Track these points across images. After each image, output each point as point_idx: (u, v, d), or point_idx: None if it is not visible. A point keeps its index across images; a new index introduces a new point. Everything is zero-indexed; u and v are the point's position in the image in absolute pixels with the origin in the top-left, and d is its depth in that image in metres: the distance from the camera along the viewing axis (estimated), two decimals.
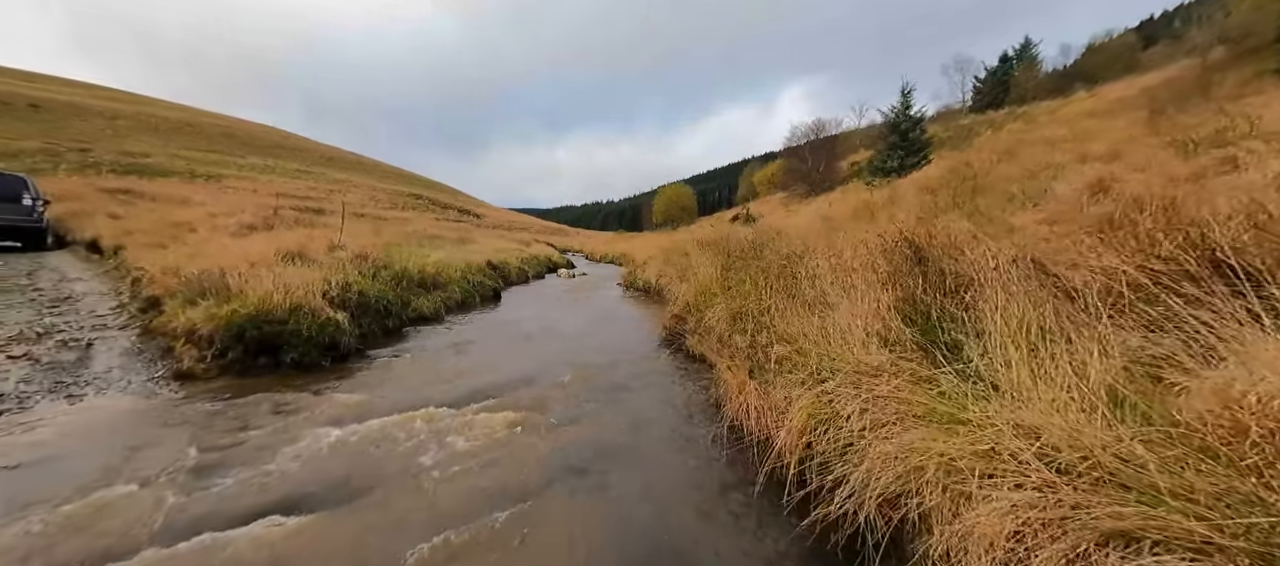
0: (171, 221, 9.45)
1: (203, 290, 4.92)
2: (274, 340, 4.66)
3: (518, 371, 4.89)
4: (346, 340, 5.17)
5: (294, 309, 4.91)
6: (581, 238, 44.81)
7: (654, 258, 13.07)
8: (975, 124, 29.60)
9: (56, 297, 6.25)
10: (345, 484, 2.70)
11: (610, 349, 5.93)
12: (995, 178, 8.25)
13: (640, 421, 3.63)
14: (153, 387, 4.10)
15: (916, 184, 12.56)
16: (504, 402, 3.95)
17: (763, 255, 5.95)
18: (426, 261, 9.47)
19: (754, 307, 4.32)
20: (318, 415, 3.62)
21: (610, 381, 4.61)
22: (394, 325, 6.59)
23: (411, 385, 4.42)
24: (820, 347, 2.89)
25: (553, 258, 20.12)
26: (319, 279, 5.60)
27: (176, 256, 6.23)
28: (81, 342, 4.89)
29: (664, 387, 4.44)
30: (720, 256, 6.55)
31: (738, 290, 4.85)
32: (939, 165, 17.33)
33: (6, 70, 52.82)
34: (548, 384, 4.52)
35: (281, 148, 53.87)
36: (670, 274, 9.84)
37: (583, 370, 4.94)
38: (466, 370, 4.90)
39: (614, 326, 7.47)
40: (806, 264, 4.08)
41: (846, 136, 39.46)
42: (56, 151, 30.29)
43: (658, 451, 3.13)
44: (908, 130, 24.36)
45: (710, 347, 4.70)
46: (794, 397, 2.77)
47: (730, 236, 8.50)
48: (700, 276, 5.97)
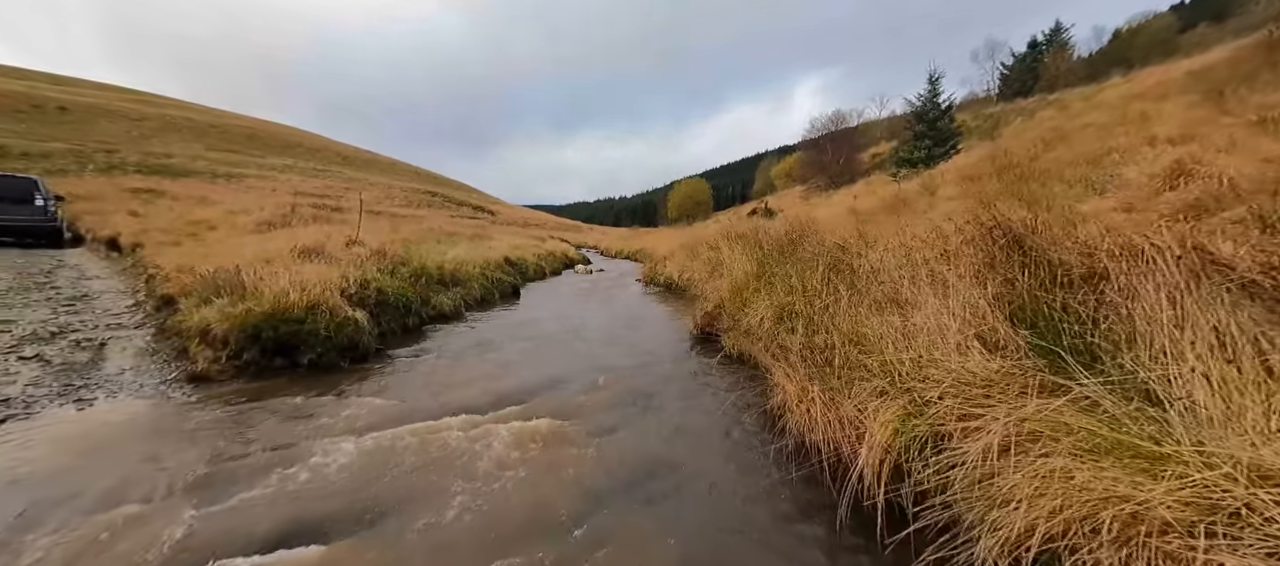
0: (191, 219, 9.37)
1: (217, 288, 4.70)
2: (291, 340, 4.42)
3: (546, 374, 4.59)
4: (366, 340, 4.92)
5: (311, 307, 4.67)
6: (595, 234, 44.56)
7: (675, 253, 12.71)
8: (1005, 112, 28.46)
9: (73, 296, 6.12)
10: (371, 505, 2.41)
11: (640, 349, 5.59)
12: (1046, 165, 7.71)
13: (687, 432, 3.29)
14: (165, 391, 3.88)
15: (952, 174, 11.98)
16: (535, 409, 3.64)
17: (801, 249, 5.56)
18: (445, 258, 9.24)
19: (803, 305, 3.95)
20: (338, 422, 3.35)
21: (645, 385, 4.27)
22: (414, 323, 6.34)
23: (435, 389, 4.14)
24: (901, 352, 2.51)
25: (569, 254, 19.88)
26: (336, 276, 5.36)
27: (192, 254, 6.06)
28: (95, 342, 4.71)
29: (705, 393, 4.09)
30: (754, 250, 6.16)
31: (782, 286, 4.47)
32: (971, 155, 16.63)
33: (37, 74, 54.30)
34: (580, 388, 4.20)
35: (299, 147, 54.55)
36: (695, 270, 9.48)
37: (614, 373, 4.61)
38: (492, 372, 4.61)
39: (640, 325, 7.13)
40: (867, 257, 3.69)
41: (867, 128, 38.46)
42: (84, 153, 30.95)
43: (714, 469, 2.79)
44: (935, 119, 23.47)
45: (754, 348, 4.34)
46: (871, 410, 2.41)
47: (760, 230, 8.10)
48: (735, 272, 5.60)
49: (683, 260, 11.07)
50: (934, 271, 2.80)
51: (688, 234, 16.03)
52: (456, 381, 4.34)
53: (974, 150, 19.10)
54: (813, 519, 2.27)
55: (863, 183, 28.38)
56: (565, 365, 4.88)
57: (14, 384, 3.74)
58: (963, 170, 11.47)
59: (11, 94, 38.55)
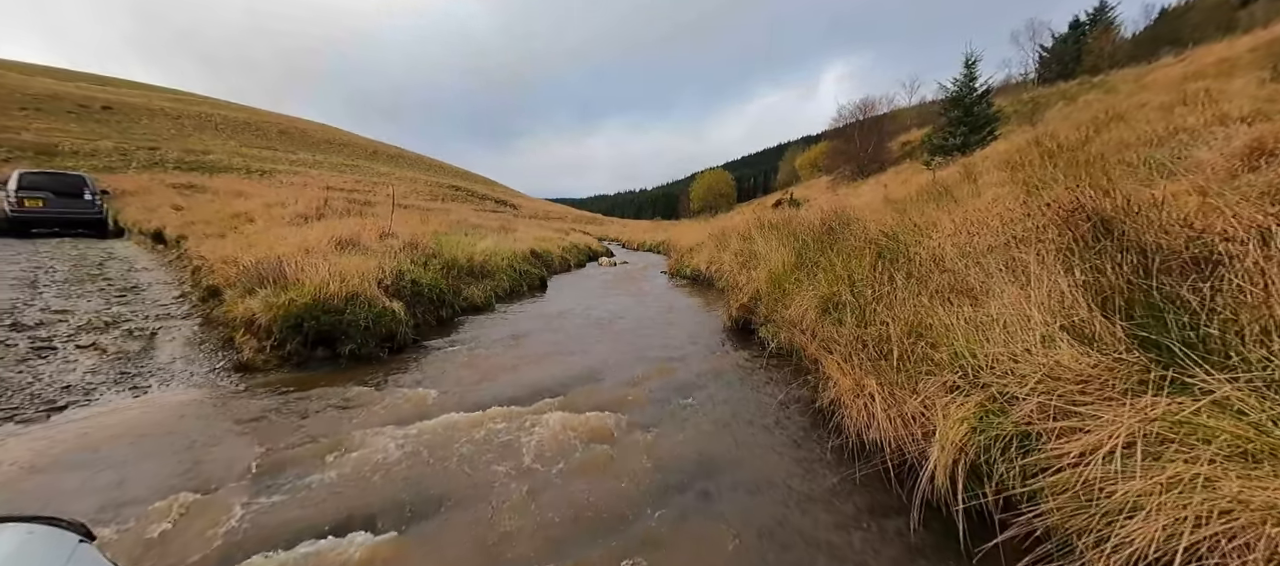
0: (231, 212, 9.63)
1: (260, 279, 4.78)
2: (331, 331, 4.46)
3: (582, 365, 4.53)
4: (403, 331, 4.94)
5: (350, 298, 4.70)
6: (617, 226, 44.48)
7: (702, 244, 12.53)
8: (1045, 96, 27.09)
9: (124, 287, 6.33)
10: (420, 496, 2.38)
11: (673, 341, 5.49)
12: (1102, 148, 7.26)
13: (734, 428, 3.18)
14: (214, 380, 3.95)
15: (993, 160, 11.45)
16: (575, 401, 3.58)
17: (841, 238, 5.36)
18: (474, 250, 9.28)
19: (849, 296, 3.78)
20: (382, 413, 3.35)
21: (686, 377, 4.17)
22: (447, 315, 6.37)
23: (474, 379, 4.13)
24: (974, 344, 2.34)
25: (592, 246, 19.89)
26: (373, 267, 5.40)
27: (235, 246, 6.20)
28: (146, 332, 4.85)
29: (749, 385, 3.96)
30: (790, 240, 5.97)
31: (825, 276, 4.30)
32: (1011, 141, 15.91)
33: (82, 75, 56.87)
34: (619, 380, 4.13)
35: (329, 143, 55.87)
36: (725, 260, 9.29)
37: (652, 364, 4.53)
38: (528, 363, 4.58)
39: (670, 316, 7.03)
40: (923, 244, 3.49)
41: (896, 115, 37.21)
42: (128, 150, 32.31)
43: (769, 466, 2.67)
44: (972, 104, 22.45)
45: (797, 340, 4.19)
46: (940, 405, 2.25)
47: (793, 219, 7.88)
48: (772, 262, 5.43)
49: (710, 251, 10.89)
50: (1013, 258, 2.60)
51: (713, 225, 15.81)
52: (494, 372, 4.31)
53: (1013, 136, 18.26)
54: (883, 524, 2.14)
55: (892, 171, 27.48)
56: (600, 357, 4.82)
57: (74, 371, 3.87)
58: (1005, 156, 10.93)
59: (62, 95, 40.45)
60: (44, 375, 3.74)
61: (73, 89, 44.83)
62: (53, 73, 53.47)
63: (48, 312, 5.14)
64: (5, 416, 3.09)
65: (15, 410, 3.16)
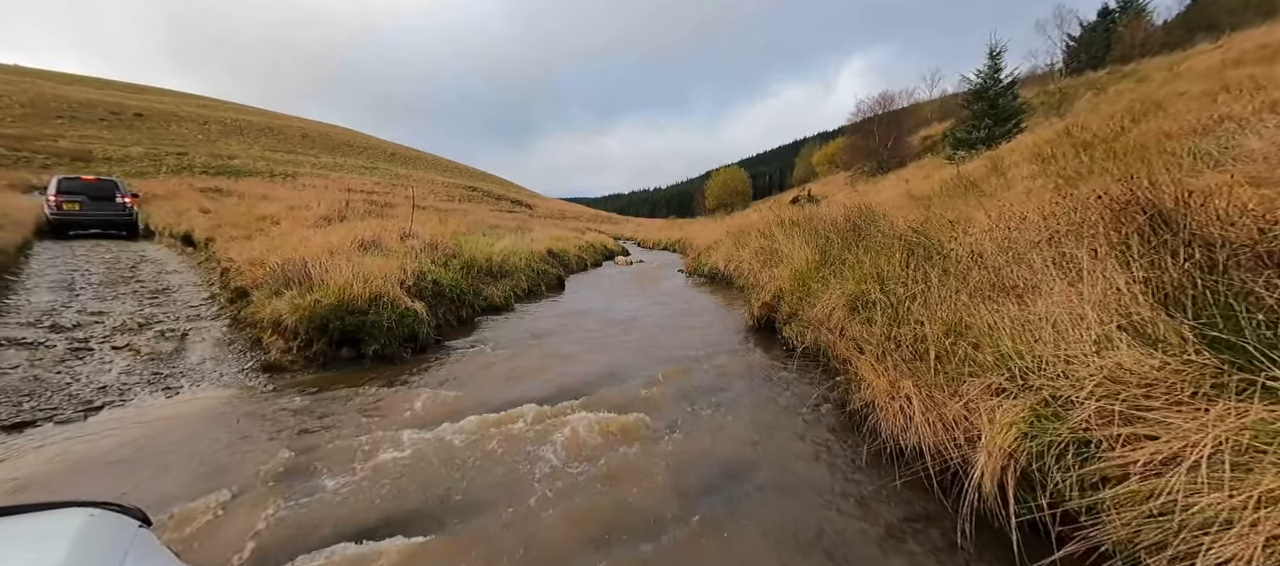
0: (257, 215, 9.84)
1: (286, 280, 4.84)
2: (356, 331, 4.50)
3: (604, 365, 4.49)
4: (425, 331, 4.96)
5: (374, 299, 4.74)
6: (632, 225, 44.46)
7: (719, 243, 12.40)
8: (1073, 87, 26.19)
9: (156, 289, 6.50)
10: (450, 499, 2.36)
11: (695, 340, 5.42)
12: (1140, 138, 6.97)
13: (762, 429, 3.10)
14: (243, 380, 4.01)
15: (1021, 153, 11.10)
16: (599, 402, 3.53)
17: (868, 234, 5.22)
18: (493, 250, 9.33)
19: (879, 294, 3.66)
20: (408, 414, 3.35)
21: (709, 378, 4.10)
22: (467, 315, 6.40)
23: (497, 380, 4.11)
24: (1020, 344, 2.23)
25: (608, 245, 19.90)
26: (396, 268, 5.44)
27: (261, 247, 6.31)
28: (177, 333, 4.95)
29: (773, 386, 3.88)
30: (813, 237, 5.85)
31: (852, 273, 4.18)
32: (1038, 133, 15.42)
33: (116, 83, 58.85)
34: (641, 380, 4.07)
35: (349, 146, 56.95)
36: (744, 259, 9.17)
37: (674, 365, 4.46)
38: (551, 364, 4.55)
39: (690, 315, 6.95)
40: (960, 240, 3.36)
41: (917, 109, 36.40)
42: (158, 155, 33.35)
43: (801, 471, 2.59)
44: (997, 96, 21.75)
45: (823, 340, 4.08)
46: (985, 409, 2.14)
47: (814, 216, 7.73)
48: (795, 260, 5.32)
49: (728, 249, 10.77)
50: (1061, 254, 2.47)
51: (730, 223, 15.66)
52: (517, 373, 4.30)
53: (1040, 128, 17.72)
54: (928, 535, 2.05)
55: (913, 166, 26.89)
56: (621, 357, 4.77)
57: (109, 371, 3.96)
58: (1034, 149, 10.59)
59: (96, 103, 41.95)
60: (81, 376, 3.83)
61: (106, 97, 46.44)
62: (88, 81, 55.47)
63: (84, 314, 5.29)
64: (45, 416, 3.17)
65: (54, 411, 3.24)
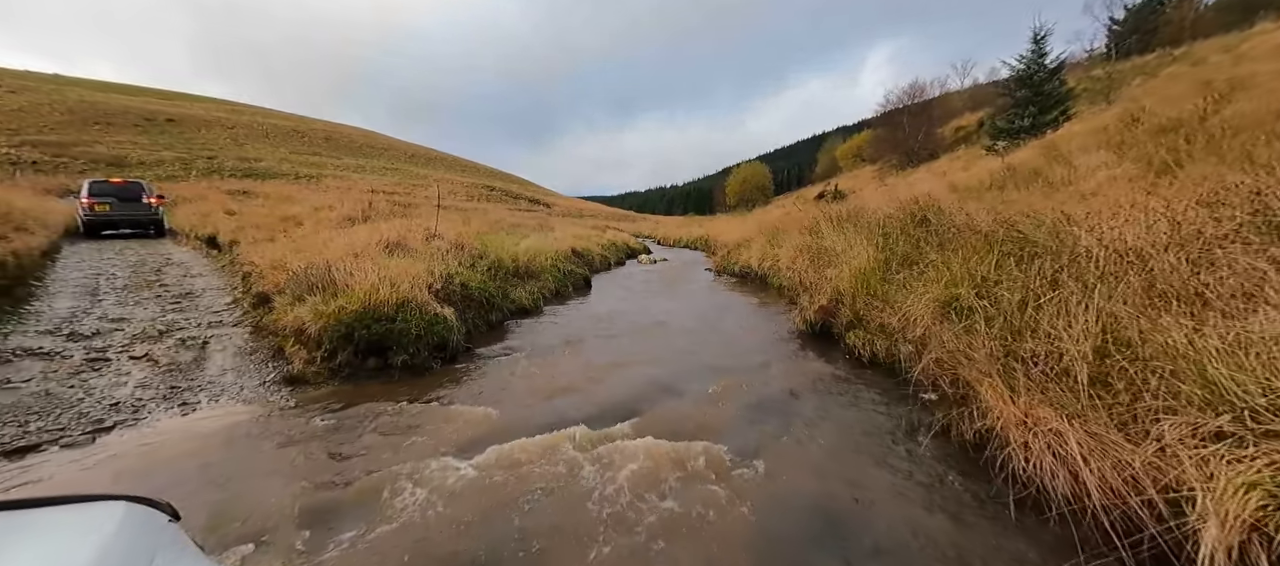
0: (281, 216, 9.71)
1: (310, 285, 4.55)
2: (383, 340, 4.17)
3: (650, 376, 4.08)
4: (455, 338, 4.62)
5: (401, 304, 4.41)
6: (650, 223, 43.99)
7: (750, 240, 11.90)
8: (1120, 72, 24.68)
9: (179, 294, 6.31)
10: (495, 551, 1.97)
11: (742, 347, 4.98)
12: (1231, 121, 6.25)
13: (855, 460, 2.65)
14: (264, 395, 3.71)
15: (1083, 140, 10.31)
16: (653, 423, 3.12)
17: (939, 229, 4.70)
18: (518, 250, 9.01)
19: (971, 299, 3.17)
20: (442, 436, 2.99)
21: (772, 393, 3.65)
22: (496, 319, 6.05)
23: (535, 395, 3.74)
24: (1243, 374, 1.72)
25: (630, 244, 19.53)
26: (423, 271, 5.11)
27: (284, 249, 6.06)
28: (198, 341, 4.70)
29: (851, 404, 3.41)
30: (871, 233, 5.33)
31: (937, 274, 3.69)
32: (1090, 121, 14.46)
33: (149, 90, 60.73)
34: (695, 395, 3.65)
35: (371, 148, 57.72)
36: (781, 257, 8.66)
37: (728, 375, 4.03)
38: (590, 375, 4.16)
39: (732, 318, 6.50)
40: (1097, 234, 2.83)
41: (946, 100, 34.99)
42: (188, 159, 34.17)
43: (923, 525, 2.12)
44: (1042, 82, 20.49)
45: (902, 350, 3.60)
46: (1194, 458, 1.64)
47: (862, 210, 7.19)
48: (856, 259, 4.83)
49: (762, 247, 10.26)
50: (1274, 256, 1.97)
51: (759, 220, 15.10)
52: (556, 386, 3.91)
53: (1089, 116, 16.68)
54: None
55: (946, 158, 25.81)
56: (666, 366, 4.35)
57: (125, 385, 3.69)
58: (1096, 135, 9.81)
59: (132, 110, 43.22)
60: (95, 390, 3.57)
61: (140, 103, 47.85)
62: (123, 89, 57.32)
63: (105, 321, 5.09)
64: (52, 438, 2.89)
65: (61, 432, 2.96)
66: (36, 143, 31.35)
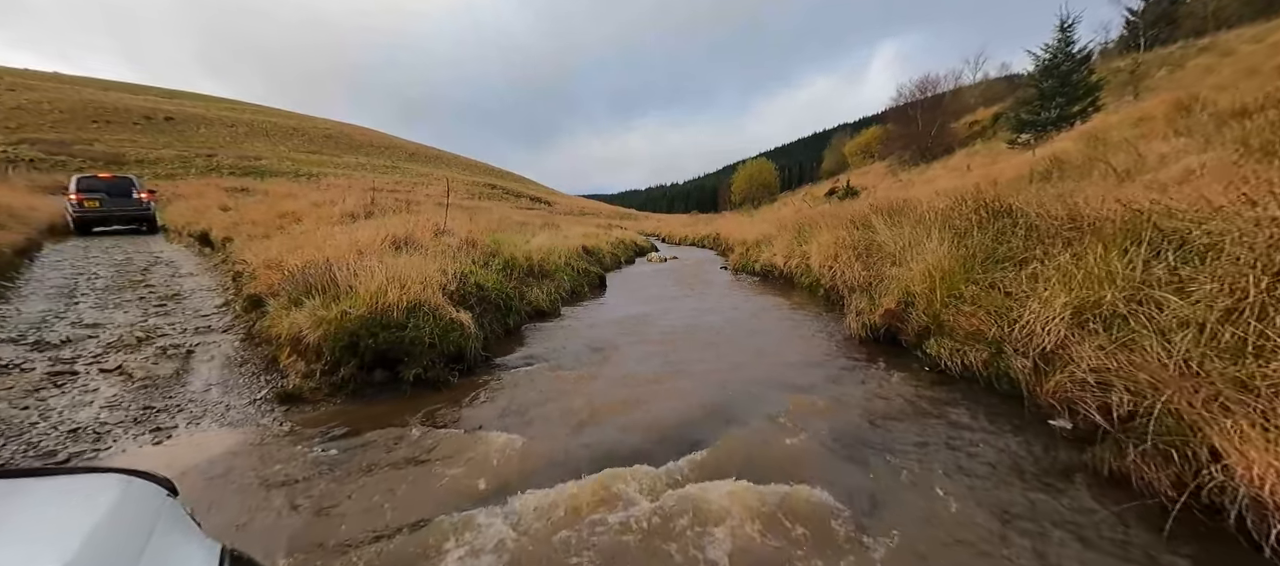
0: (279, 212, 9.15)
1: (308, 287, 3.99)
2: (392, 350, 3.60)
3: (700, 395, 3.51)
4: (473, 347, 4.05)
5: (412, 308, 3.85)
6: (653, 221, 43.40)
7: (770, 237, 11.33)
8: (1142, 64, 23.89)
9: (165, 295, 5.76)
10: None
11: (797, 357, 4.40)
12: None
13: (1006, 516, 2.07)
14: (254, 416, 3.15)
15: (1129, 130, 9.70)
16: (724, 459, 2.55)
17: (1027, 221, 4.12)
18: (530, 247, 8.45)
19: (1115, 304, 2.60)
20: (464, 475, 2.43)
21: (853, 418, 3.07)
22: (514, 323, 5.49)
23: (571, 417, 3.17)
24: None
25: (638, 242, 19.01)
26: (435, 270, 4.54)
27: (279, 247, 5.50)
28: (181, 350, 4.15)
29: (960, 433, 2.83)
30: (939, 227, 4.75)
31: (1060, 277, 3.11)
32: (1125, 112, 13.85)
33: (149, 88, 60.23)
34: (764, 420, 3.07)
35: (371, 146, 57.16)
36: (813, 254, 8.08)
37: (791, 394, 3.45)
38: (632, 393, 3.59)
39: (768, 322, 5.93)
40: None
41: (959, 94, 34.20)
42: (188, 157, 33.67)
43: None
44: (1069, 73, 19.75)
45: (1015, 366, 3.03)
46: None
47: (909, 203, 6.61)
48: (926, 256, 4.25)
49: (787, 244, 9.67)
50: None
51: (776, 215, 14.54)
52: (594, 406, 3.35)
53: (1118, 107, 16.04)
54: None
55: (962, 153, 25.14)
56: (714, 381, 3.78)
57: (90, 405, 3.14)
58: (1138, 125, 9.22)
59: (131, 108, 42.70)
60: (53, 411, 3.02)
61: (140, 102, 47.35)
62: (123, 87, 56.81)
63: (78, 327, 4.54)
64: None
65: None
66: (35, 141, 30.89)
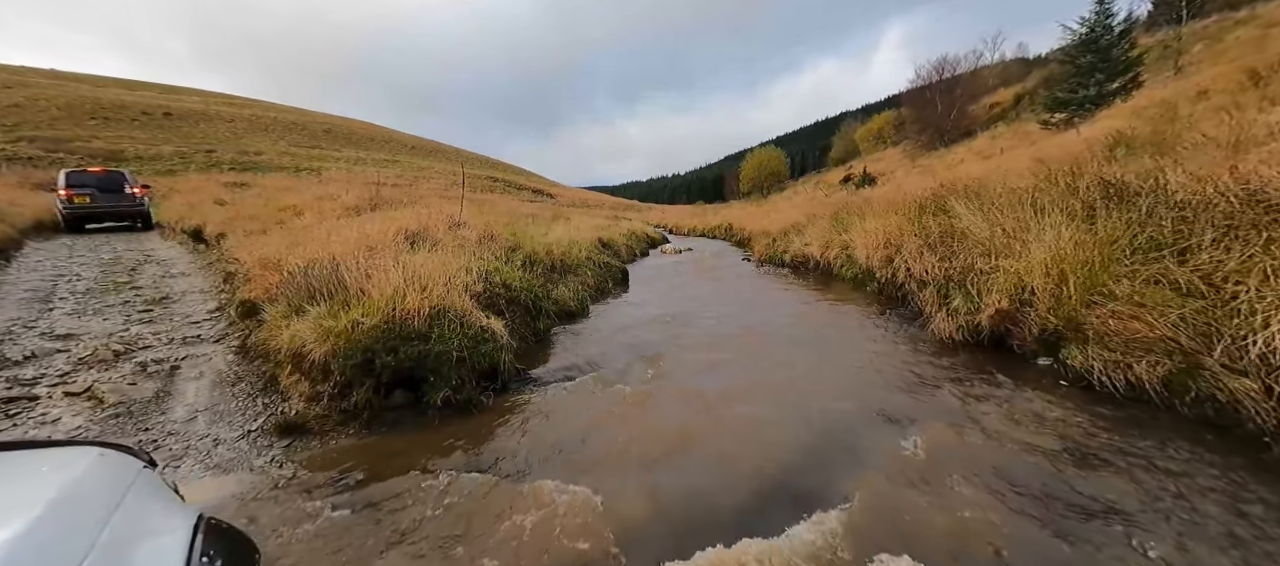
0: (279, 205, 8.52)
1: (311, 291, 3.34)
2: (414, 367, 2.97)
3: (789, 420, 2.86)
4: (506, 359, 3.41)
5: (435, 315, 3.21)
6: (657, 212, 42.58)
7: (801, 225, 10.62)
8: (1180, 38, 22.60)
9: (153, 298, 5.13)
10: None
11: (884, 364, 3.75)
12: None
13: None
14: (247, 454, 2.53)
15: (1193, 103, 8.93)
16: (871, 522, 1.92)
17: (1173, 201, 3.43)
18: (549, 241, 7.80)
19: None
20: (524, 555, 1.79)
21: (1012, 455, 2.42)
22: (544, 326, 4.85)
23: (638, 454, 2.53)
24: None
25: (649, 234, 18.38)
26: (457, 268, 3.89)
27: (279, 243, 4.85)
28: (165, 366, 3.52)
29: (1181, 482, 2.17)
30: (1061, 212, 4.05)
31: None
32: (1175, 86, 13.00)
33: (145, 84, 59.44)
34: (887, 457, 2.43)
35: (371, 140, 56.35)
36: (856, 244, 7.39)
37: (912, 422, 2.80)
38: (706, 421, 2.94)
39: (828, 320, 5.27)
40: None
41: (978, 76, 32.96)
42: (187, 153, 33.05)
43: None
44: (1109, 46, 18.56)
45: (1241, 387, 2.37)
46: None
47: (983, 184, 5.90)
48: (1049, 246, 3.56)
49: (823, 232, 8.96)
50: None
51: (803, 203, 13.84)
52: (661, 434, 2.71)
53: (1162, 83, 15.18)
54: None
55: (986, 136, 24.19)
56: (798, 400, 3.14)
57: None
58: (1197, 99, 8.45)
59: (129, 104, 42.06)
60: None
61: (138, 98, 46.68)
62: (121, 83, 56.07)
63: (49, 338, 3.92)
64: None
65: None
66: (34, 138, 30.30)
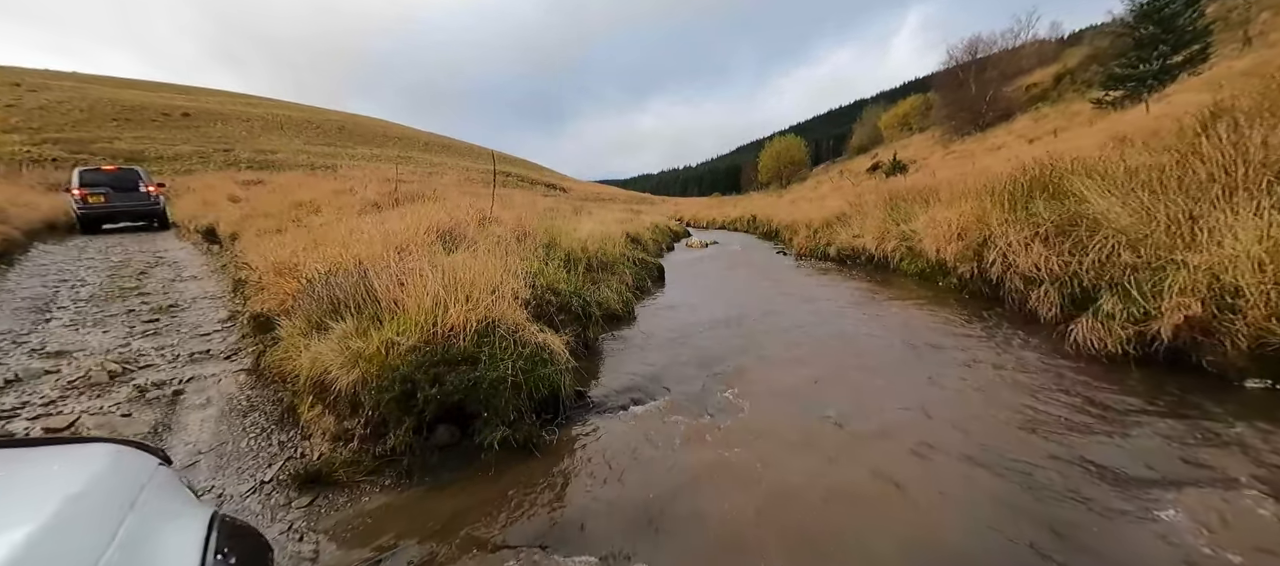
0: (292, 201, 8.01)
1: (334, 303, 2.76)
2: (463, 399, 2.37)
3: (954, 480, 2.22)
4: (566, 382, 2.80)
5: (483, 330, 2.60)
6: (670, 205, 41.73)
7: (844, 215, 9.84)
8: (1246, 6, 20.88)
9: (160, 305, 4.63)
10: None
11: (1038, 391, 3.06)
12: None
13: None
14: (258, 519, 1.96)
15: None
16: None
17: None
18: (583, 237, 7.20)
19: None
20: None
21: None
22: (593, 335, 4.24)
23: (770, 529, 1.91)
24: None
25: (673, 227, 17.73)
26: (503, 271, 3.28)
27: (296, 244, 4.30)
28: (167, 391, 2.99)
29: None
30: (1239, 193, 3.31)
31: None
32: (1253, 58, 11.85)
33: (166, 86, 60.15)
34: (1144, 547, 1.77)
35: (384, 137, 56.28)
36: (922, 232, 6.65)
37: (1185, 498, 2.14)
38: (832, 479, 2.31)
39: (920, 325, 4.57)
40: None
41: (1013, 56, 31.27)
42: (206, 153, 33.17)
43: None
44: (1174, 15, 16.98)
45: None
46: None
47: (1108, 162, 5.13)
48: (1269, 231, 2.83)
49: (878, 223, 8.19)
50: None
51: (850, 191, 13.02)
52: (805, 502, 2.08)
53: (1228, 56, 13.96)
54: None
55: (1028, 118, 22.90)
56: (973, 439, 2.49)
57: None
58: None
59: (148, 105, 42.45)
60: None
61: (157, 99, 47.16)
62: (140, 85, 56.74)
63: (39, 356, 3.42)
64: None
65: None
66: (57, 140, 30.60)
